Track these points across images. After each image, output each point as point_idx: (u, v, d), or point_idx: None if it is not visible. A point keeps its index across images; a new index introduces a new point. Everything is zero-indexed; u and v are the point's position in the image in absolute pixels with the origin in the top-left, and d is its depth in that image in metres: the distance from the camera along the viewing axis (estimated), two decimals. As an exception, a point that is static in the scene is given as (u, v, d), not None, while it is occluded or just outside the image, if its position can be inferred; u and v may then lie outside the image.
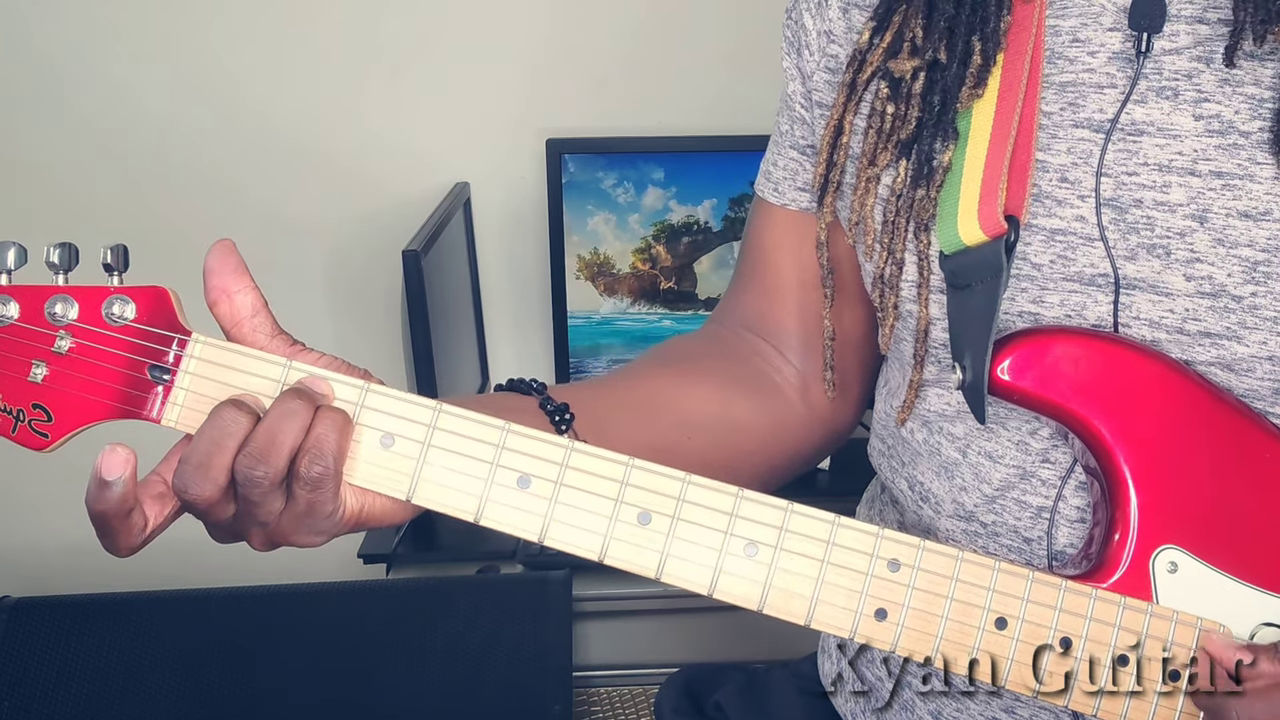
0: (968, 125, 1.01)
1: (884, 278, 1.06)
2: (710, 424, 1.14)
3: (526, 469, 0.89)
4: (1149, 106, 0.95)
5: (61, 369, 0.86)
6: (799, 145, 1.17)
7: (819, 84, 1.13)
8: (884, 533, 0.90)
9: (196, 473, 0.83)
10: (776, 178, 1.20)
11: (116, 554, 0.86)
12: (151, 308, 0.86)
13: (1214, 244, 0.93)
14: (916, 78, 1.03)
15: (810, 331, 1.19)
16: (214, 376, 0.87)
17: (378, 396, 0.88)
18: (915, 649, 0.91)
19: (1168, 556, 0.92)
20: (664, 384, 1.15)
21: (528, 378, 1.08)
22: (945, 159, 1.01)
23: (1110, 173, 0.96)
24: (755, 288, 1.22)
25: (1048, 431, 1.01)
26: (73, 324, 0.86)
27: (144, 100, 2.28)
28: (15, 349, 0.86)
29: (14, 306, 0.86)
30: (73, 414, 0.86)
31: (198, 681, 1.94)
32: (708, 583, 0.90)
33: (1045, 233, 0.98)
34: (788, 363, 1.20)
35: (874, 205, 1.06)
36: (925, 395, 1.08)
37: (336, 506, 0.87)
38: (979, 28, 1.00)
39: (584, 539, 0.89)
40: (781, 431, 1.19)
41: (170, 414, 0.87)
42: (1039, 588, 0.91)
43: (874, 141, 1.05)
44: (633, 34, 2.29)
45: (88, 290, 0.86)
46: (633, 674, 2.06)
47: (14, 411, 0.86)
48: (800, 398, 1.20)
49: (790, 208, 1.18)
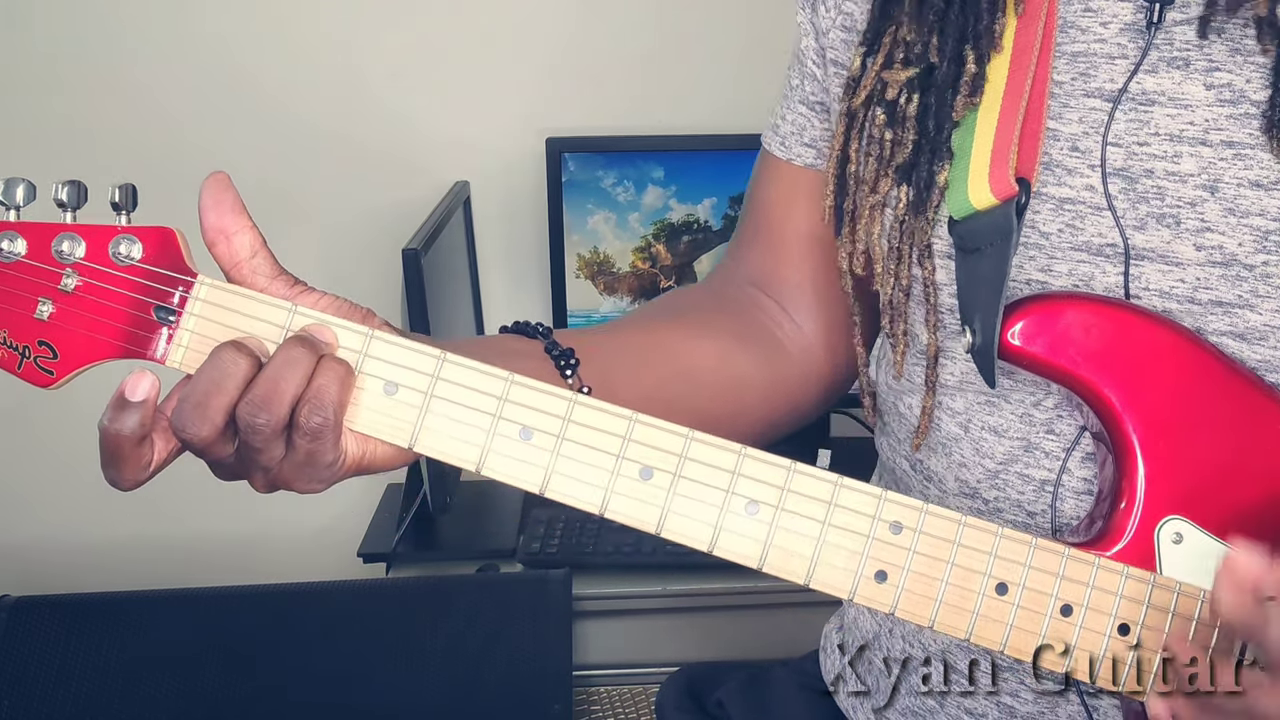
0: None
1: (893, 304, 1.06)
2: (713, 377, 1.13)
3: (529, 421, 0.88)
4: (1160, 76, 0.95)
5: (68, 307, 0.86)
6: (808, 100, 1.17)
7: (834, 41, 1.13)
8: (887, 495, 0.90)
9: (194, 412, 0.83)
10: (784, 132, 1.19)
11: (119, 485, 0.85)
12: (158, 248, 0.87)
13: (1225, 213, 0.93)
14: (910, 99, 1.03)
15: (818, 286, 1.18)
16: (218, 319, 0.87)
17: (381, 344, 0.88)
18: (915, 612, 0.91)
19: (1173, 527, 0.92)
20: (669, 335, 1.14)
21: (531, 322, 1.07)
22: (942, 180, 1.01)
23: (1121, 143, 0.96)
24: (759, 244, 1.22)
25: (1052, 402, 1.00)
26: (79, 262, 0.86)
27: (143, 99, 2.29)
28: (22, 285, 0.86)
29: (21, 243, 0.86)
30: (78, 352, 0.86)
31: (197, 681, 1.94)
32: (708, 539, 0.90)
33: (1054, 201, 0.98)
34: (790, 319, 1.20)
35: (880, 234, 1.06)
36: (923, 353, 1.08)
37: (337, 456, 0.87)
38: (971, 38, 1.00)
39: (585, 492, 0.89)
40: (783, 385, 1.18)
41: (175, 355, 0.87)
42: (1041, 554, 0.91)
43: (874, 169, 1.05)
44: (633, 33, 2.31)
45: (95, 229, 0.86)
46: (632, 673, 2.06)
47: (20, 348, 0.86)
48: (802, 354, 1.20)
49: (795, 163, 1.18)
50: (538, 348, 1.04)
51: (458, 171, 2.31)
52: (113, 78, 2.28)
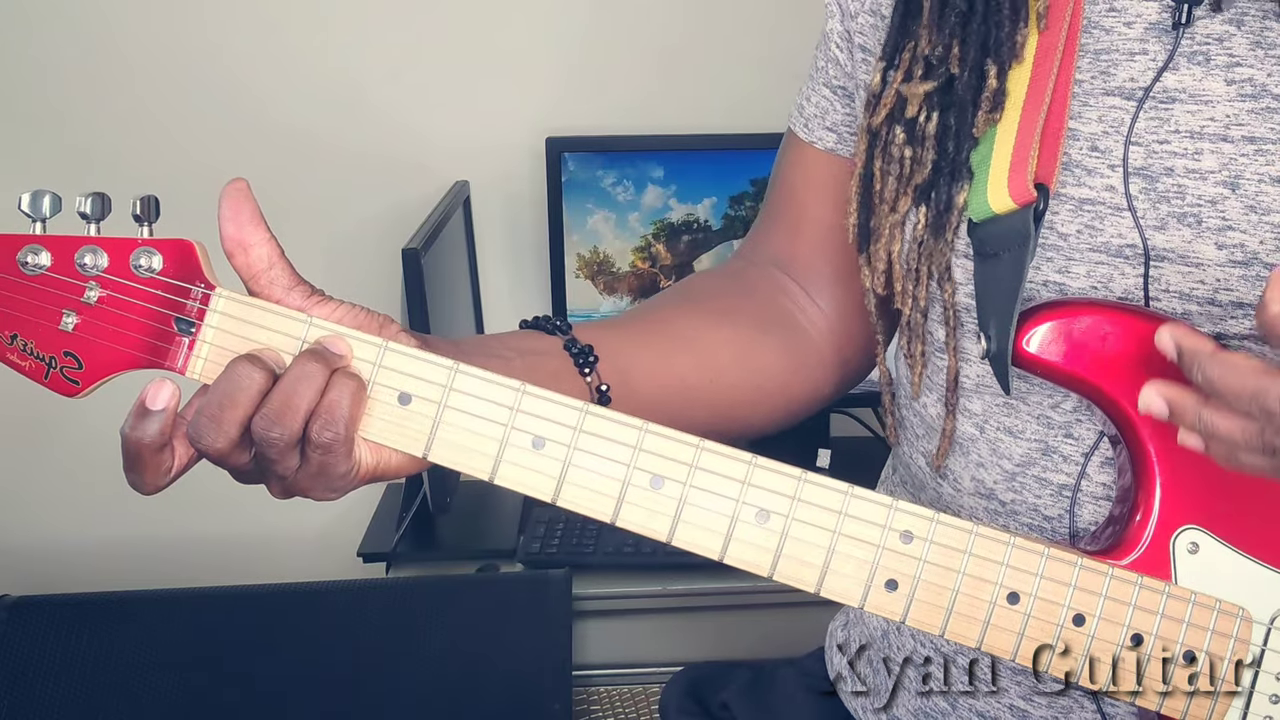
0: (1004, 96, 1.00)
1: (910, 325, 1.06)
2: (733, 365, 1.13)
3: (541, 431, 0.89)
4: (1180, 73, 0.95)
5: (91, 318, 0.88)
6: (831, 84, 1.16)
7: (863, 25, 1.12)
8: (897, 504, 0.90)
9: (210, 425, 0.85)
10: (809, 114, 1.19)
11: (141, 490, 0.87)
12: (177, 260, 0.88)
13: (1246, 210, 0.92)
14: (930, 118, 1.02)
15: (838, 270, 1.18)
16: (237, 331, 0.88)
17: (396, 355, 0.89)
18: (926, 620, 0.91)
19: (1189, 537, 0.92)
20: (687, 324, 1.14)
21: (552, 316, 1.08)
22: (960, 200, 1.01)
23: (1141, 141, 0.95)
24: (782, 225, 1.22)
25: (1070, 405, 0.99)
26: (102, 274, 0.87)
27: (143, 98, 2.29)
28: (47, 298, 0.88)
29: (46, 256, 0.88)
30: (102, 362, 0.88)
31: (196, 681, 1.94)
32: (719, 548, 0.90)
33: (1074, 202, 0.98)
34: (812, 302, 1.19)
35: (899, 252, 1.05)
36: (943, 368, 1.08)
37: (350, 467, 0.88)
38: (993, 49, 1.00)
39: (597, 501, 0.90)
40: (803, 372, 1.18)
41: (195, 366, 0.88)
42: (1054, 564, 0.91)
43: (894, 188, 1.05)
44: (633, 33, 2.31)
45: (117, 242, 0.88)
46: (632, 673, 2.06)
47: (46, 358, 0.88)
48: (822, 337, 1.19)
49: (818, 146, 1.18)
50: (556, 344, 1.05)
51: (458, 171, 2.31)
52: (113, 79, 2.28)
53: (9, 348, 0.88)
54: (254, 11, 2.27)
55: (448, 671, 1.93)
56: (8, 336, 0.87)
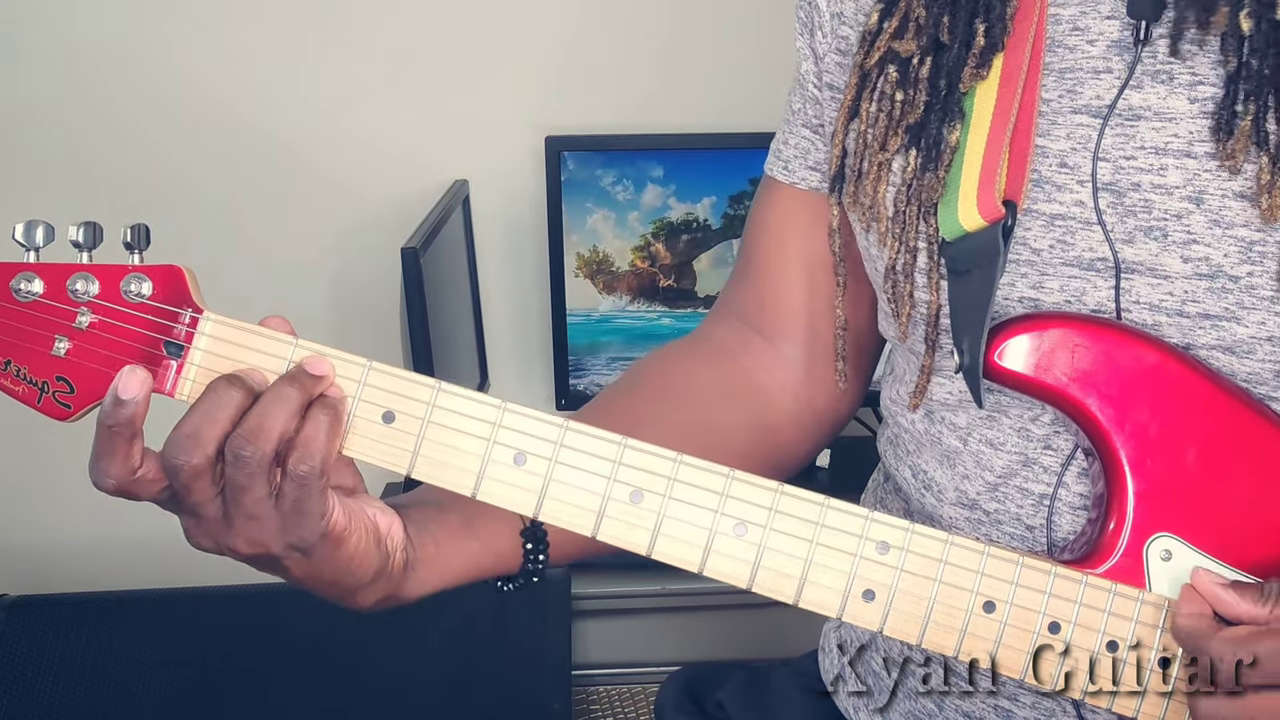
0: (970, 108, 1.01)
1: (897, 267, 1.06)
2: (692, 441, 1.06)
3: (523, 446, 0.91)
4: (1145, 91, 0.96)
5: (82, 343, 0.90)
6: (811, 124, 1.17)
7: (830, 66, 1.13)
8: (873, 515, 0.92)
9: (187, 440, 0.87)
10: (787, 156, 1.19)
11: (103, 480, 0.89)
12: (167, 286, 0.90)
13: (1210, 225, 0.94)
14: (924, 61, 1.03)
15: (815, 314, 1.18)
16: (224, 354, 0.90)
17: (379, 374, 0.91)
18: (903, 630, 0.92)
19: (1162, 544, 0.93)
20: (639, 416, 1.13)
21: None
22: (953, 139, 1.01)
23: (1108, 157, 0.97)
24: (750, 275, 1.22)
25: (1049, 417, 1.01)
26: (93, 300, 0.90)
27: (143, 97, 2.29)
28: (40, 324, 0.90)
29: (39, 283, 0.90)
30: (93, 387, 0.90)
31: (195, 680, 1.95)
32: (698, 560, 0.92)
33: (1045, 218, 0.99)
34: (781, 356, 1.20)
35: (885, 192, 1.06)
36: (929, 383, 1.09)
37: (325, 510, 0.90)
38: (983, 11, 1.01)
39: (577, 516, 0.92)
40: (770, 435, 1.19)
41: (183, 388, 0.90)
42: (1028, 573, 0.92)
43: (884, 126, 1.05)
44: (632, 32, 2.30)
45: (107, 268, 0.90)
46: (632, 673, 2.07)
47: (39, 383, 0.90)
48: (791, 394, 1.20)
49: (800, 186, 1.18)
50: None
51: (457, 170, 2.31)
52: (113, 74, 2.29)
53: (3, 373, 0.90)
54: (254, 11, 2.27)
55: (447, 671, 1.94)
56: (1, 362, 0.90)
